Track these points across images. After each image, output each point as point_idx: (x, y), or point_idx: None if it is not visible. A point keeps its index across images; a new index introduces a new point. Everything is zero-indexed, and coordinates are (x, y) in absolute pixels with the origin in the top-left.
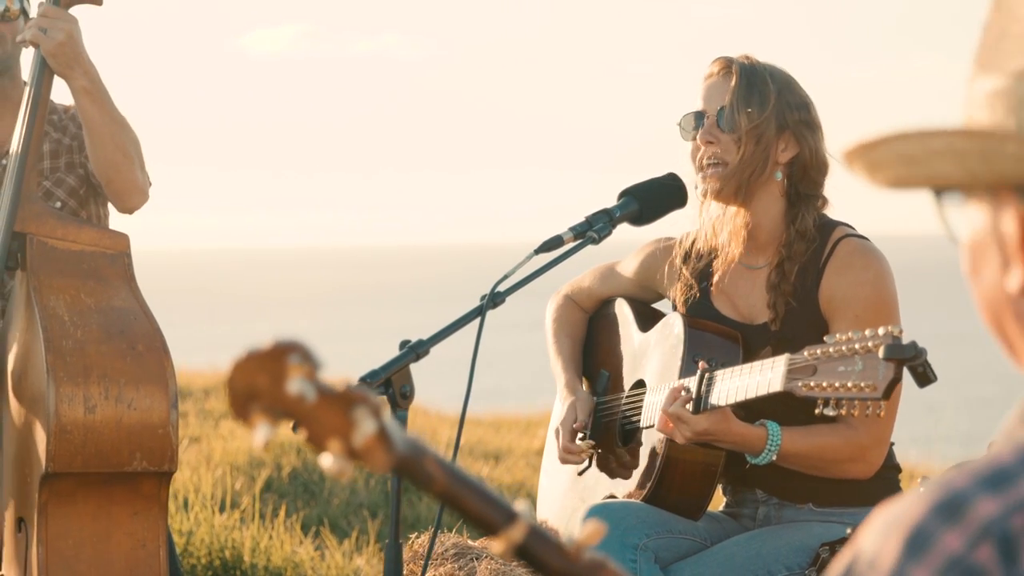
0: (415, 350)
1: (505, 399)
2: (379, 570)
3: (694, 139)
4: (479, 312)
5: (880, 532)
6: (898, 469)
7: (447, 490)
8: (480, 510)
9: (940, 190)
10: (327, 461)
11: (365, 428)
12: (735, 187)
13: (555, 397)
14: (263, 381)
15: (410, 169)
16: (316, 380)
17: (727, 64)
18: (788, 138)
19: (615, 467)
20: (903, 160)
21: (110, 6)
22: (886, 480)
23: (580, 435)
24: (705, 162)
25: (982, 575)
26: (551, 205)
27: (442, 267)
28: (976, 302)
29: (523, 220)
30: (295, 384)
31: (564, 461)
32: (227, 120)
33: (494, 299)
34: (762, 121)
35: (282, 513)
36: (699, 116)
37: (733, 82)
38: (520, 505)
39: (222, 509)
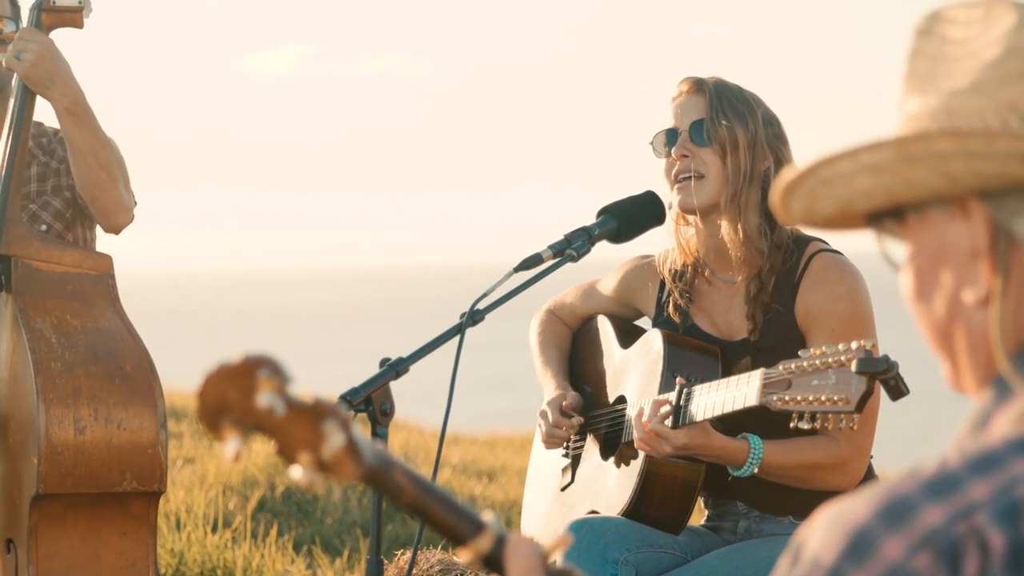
0: (395, 368)
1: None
2: None
3: (668, 155)
4: (459, 330)
5: (824, 530)
6: (877, 480)
7: (415, 501)
8: (448, 520)
9: (873, 217)
10: (297, 473)
11: (334, 441)
12: (727, 198)
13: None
14: (233, 395)
15: (415, 189)
16: (285, 393)
17: (696, 83)
18: (763, 152)
19: (597, 482)
20: (826, 185)
21: (113, 27)
22: None
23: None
24: (680, 176)
25: None
26: (557, 222)
27: (448, 287)
28: (922, 326)
29: (530, 236)
30: (264, 398)
31: (549, 441)
32: (228, 141)
33: (473, 316)
34: (742, 131)
35: (274, 532)
36: (671, 133)
37: (707, 98)
38: (488, 516)
39: (215, 529)
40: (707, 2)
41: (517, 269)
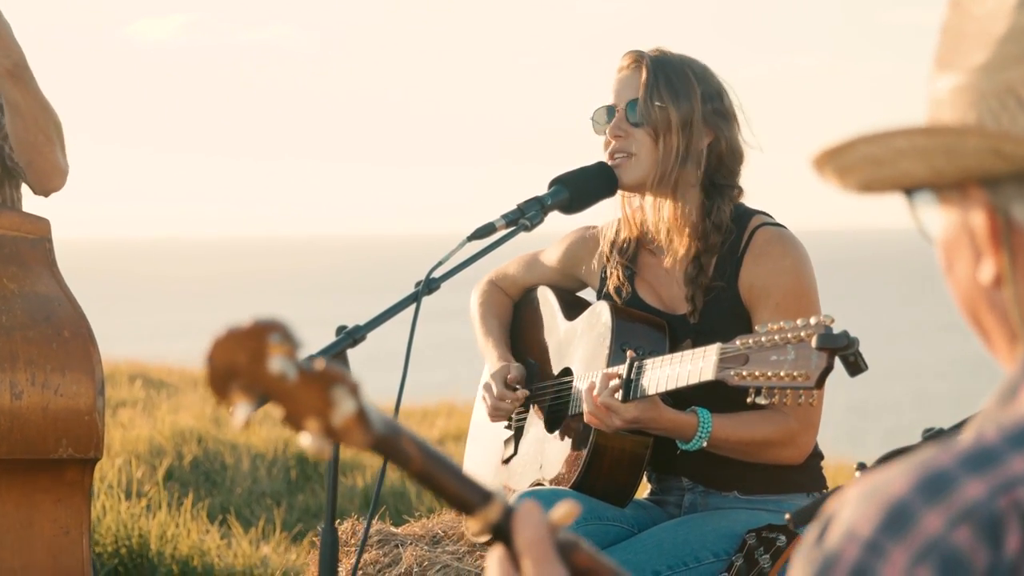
0: (352, 335)
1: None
2: (286, 559)
3: (605, 133)
4: (415, 298)
5: (858, 503)
6: (821, 456)
7: (423, 469)
8: (457, 489)
9: (910, 190)
10: (305, 440)
11: (344, 408)
12: (655, 179)
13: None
14: (242, 359)
15: (289, 158)
16: (296, 359)
17: (637, 58)
18: (703, 128)
19: (542, 454)
20: (870, 162)
21: None
22: (810, 468)
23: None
24: (615, 155)
25: (960, 557)
26: (437, 201)
27: (327, 260)
28: (953, 297)
29: (407, 214)
30: (276, 363)
31: (495, 413)
32: (113, 109)
33: (429, 285)
34: (676, 112)
35: (188, 502)
36: (610, 110)
37: (643, 76)
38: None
39: (128, 497)
40: None
41: (470, 238)
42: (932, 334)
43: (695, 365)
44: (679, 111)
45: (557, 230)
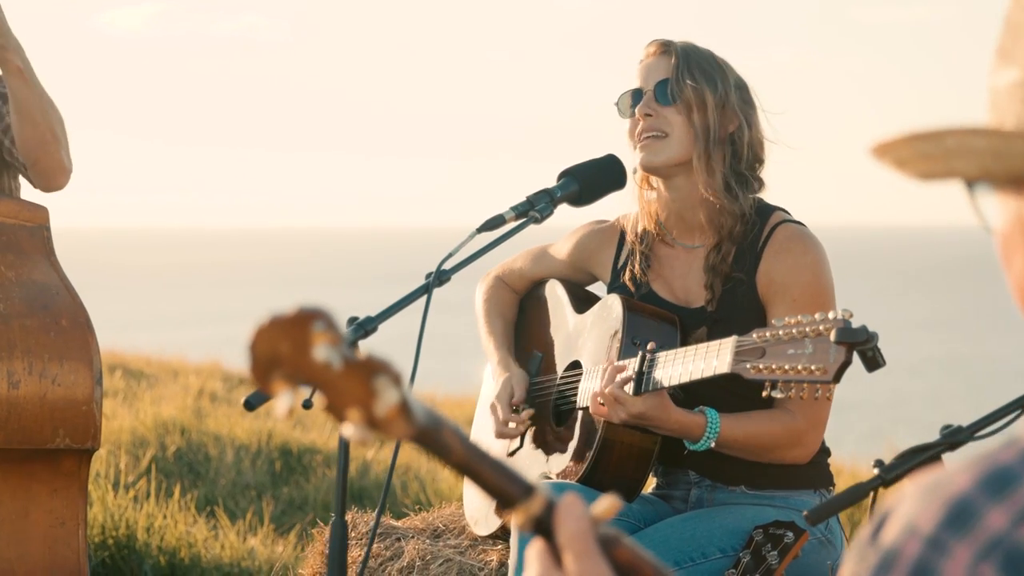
0: (363, 327)
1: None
2: (272, 551)
3: (632, 115)
4: (426, 289)
5: (919, 499)
6: (828, 453)
7: (464, 461)
8: (498, 482)
9: (969, 181)
10: (348, 431)
11: (388, 398)
12: (689, 157)
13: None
14: (286, 348)
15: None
16: (341, 347)
17: (664, 44)
18: (731, 114)
19: (548, 447)
20: (923, 157)
21: None
22: (817, 464)
23: (517, 408)
24: (644, 135)
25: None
26: (407, 193)
27: (300, 251)
28: (1010, 289)
29: (379, 205)
30: (321, 351)
31: (501, 435)
32: (83, 98)
33: (440, 277)
34: (710, 91)
35: (176, 492)
36: (637, 93)
37: (674, 58)
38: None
39: (115, 488)
40: None
41: (480, 230)
42: (907, 332)
43: (709, 358)
44: (713, 91)
45: (566, 224)
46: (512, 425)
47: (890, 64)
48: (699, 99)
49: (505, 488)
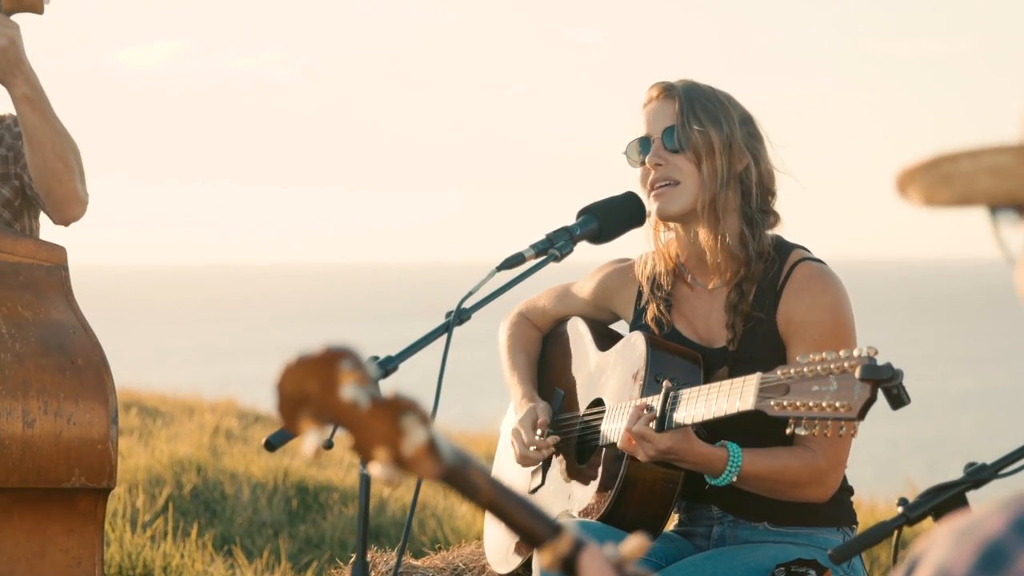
0: (384, 367)
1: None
2: None
3: (642, 164)
4: (446, 328)
5: (951, 543)
6: (850, 491)
7: (493, 500)
8: (526, 521)
9: (993, 208)
10: (375, 470)
11: (415, 437)
12: (702, 204)
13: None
14: (314, 387)
15: (281, 184)
16: (368, 387)
17: (666, 87)
18: (739, 153)
19: (570, 485)
20: (946, 181)
21: None
22: (840, 502)
23: (541, 432)
24: (657, 184)
25: None
26: (422, 224)
27: (313, 286)
28: None
29: (395, 238)
30: (349, 390)
31: (524, 461)
32: (98, 137)
33: (460, 315)
34: (716, 134)
35: (194, 532)
36: (644, 141)
37: (676, 103)
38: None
39: (132, 526)
40: (579, 6)
41: (500, 268)
42: (896, 347)
43: (734, 394)
44: (719, 133)
45: (585, 259)
46: (534, 449)
47: (901, 97)
48: (707, 143)
49: (533, 527)
